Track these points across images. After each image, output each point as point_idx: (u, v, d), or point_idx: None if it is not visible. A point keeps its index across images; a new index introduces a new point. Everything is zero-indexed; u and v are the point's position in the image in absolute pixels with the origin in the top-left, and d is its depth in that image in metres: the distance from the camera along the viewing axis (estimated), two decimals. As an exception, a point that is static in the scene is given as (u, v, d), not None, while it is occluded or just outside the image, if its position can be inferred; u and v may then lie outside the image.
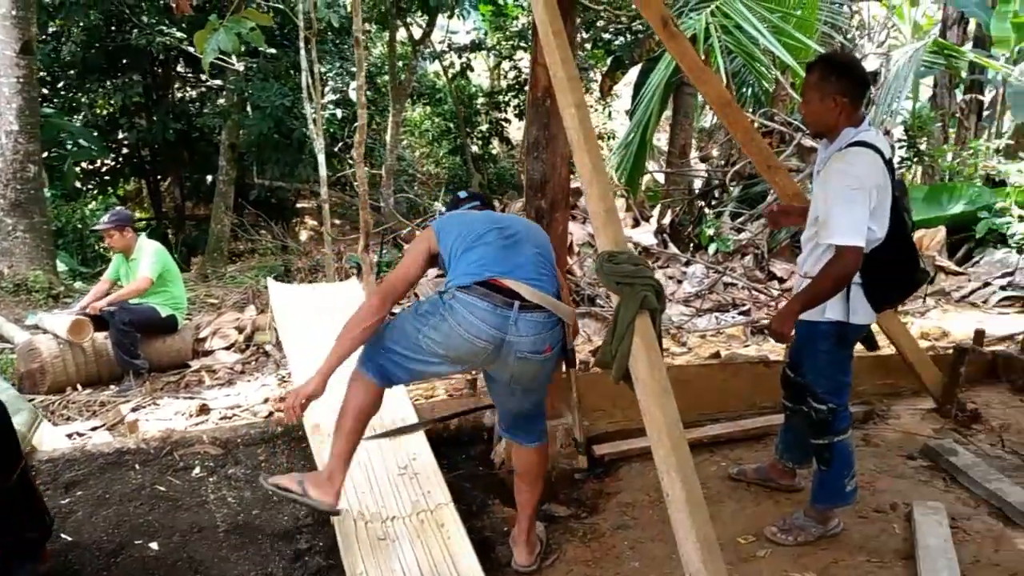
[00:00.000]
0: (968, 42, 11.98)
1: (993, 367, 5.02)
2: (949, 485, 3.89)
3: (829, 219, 3.02)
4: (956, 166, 9.88)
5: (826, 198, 3.05)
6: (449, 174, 18.30)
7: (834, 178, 3.03)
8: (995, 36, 10.61)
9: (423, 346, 2.97)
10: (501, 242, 3.06)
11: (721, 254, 8.97)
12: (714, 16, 8.27)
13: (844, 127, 3.15)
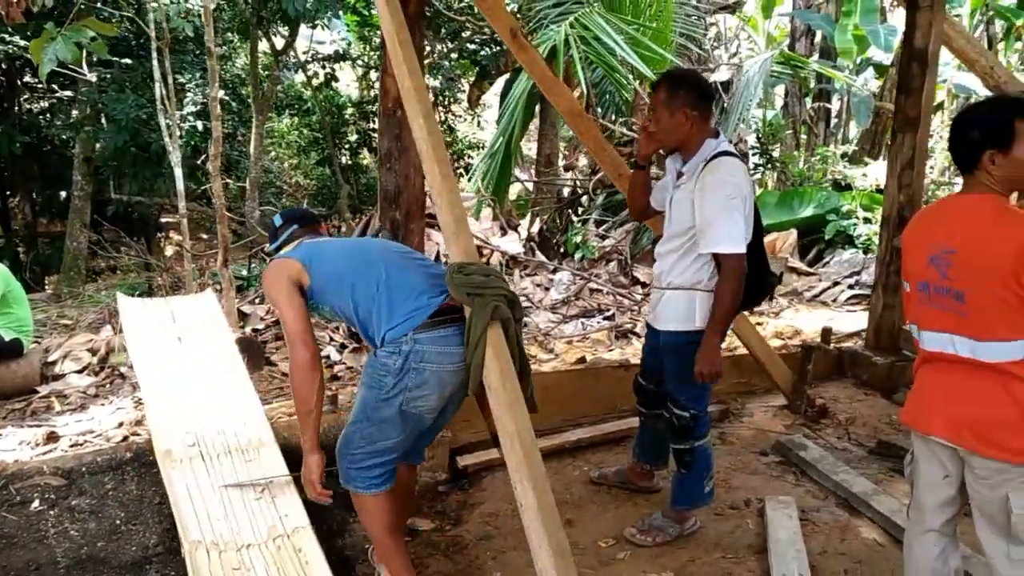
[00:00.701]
0: (816, 53, 12.58)
1: (840, 363, 5.25)
2: (800, 479, 4.04)
3: (711, 228, 3.09)
4: (806, 171, 10.35)
5: (704, 208, 3.10)
6: (318, 185, 18.01)
7: (714, 188, 3.09)
8: (839, 47, 11.17)
9: (417, 412, 2.84)
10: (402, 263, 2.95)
11: (587, 261, 9.12)
12: (573, 27, 8.41)
13: (702, 139, 3.22)
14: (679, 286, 3.27)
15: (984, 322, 2.34)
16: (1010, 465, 2.33)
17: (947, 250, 2.40)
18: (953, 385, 2.46)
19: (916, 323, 2.55)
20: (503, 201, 9.36)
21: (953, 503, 2.60)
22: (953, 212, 2.48)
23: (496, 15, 3.86)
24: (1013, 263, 2.25)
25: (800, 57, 10.66)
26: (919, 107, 4.60)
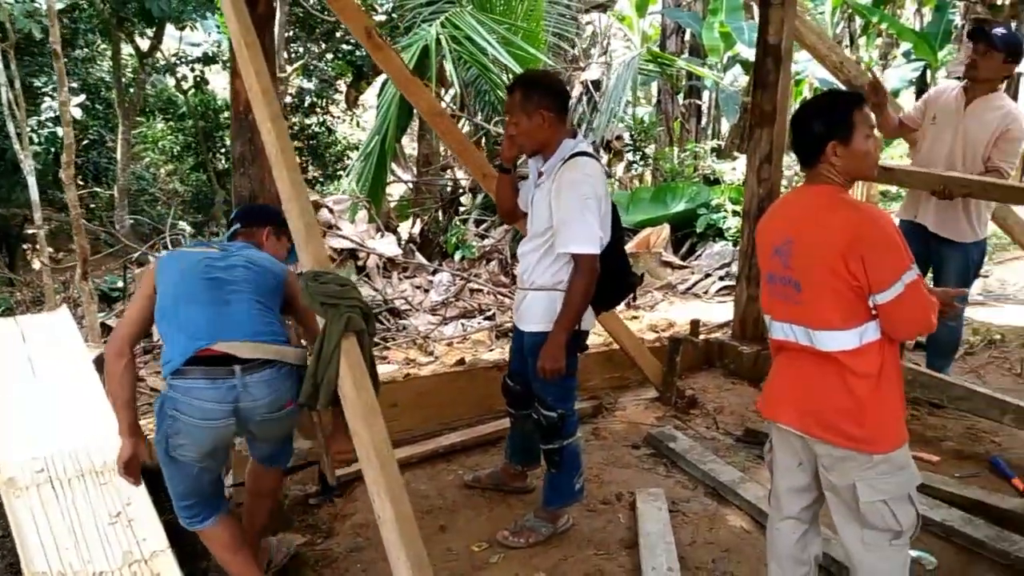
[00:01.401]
0: (686, 51, 12.87)
1: (709, 354, 5.36)
2: (670, 470, 4.10)
3: (566, 228, 3.10)
4: (678, 167, 10.58)
5: (560, 208, 3.11)
6: (193, 191, 17.44)
7: (569, 188, 3.09)
8: (707, 45, 11.47)
9: (184, 459, 2.77)
10: (212, 296, 2.82)
11: (467, 261, 9.09)
12: (444, 27, 8.38)
13: (560, 139, 3.22)
14: (541, 286, 3.27)
15: (818, 311, 2.41)
16: (854, 453, 2.41)
17: (787, 240, 2.48)
18: (799, 374, 2.54)
19: (769, 313, 2.62)
20: (380, 202, 9.24)
21: (809, 490, 2.68)
22: (795, 204, 2.57)
23: (350, 15, 3.78)
24: (843, 251, 2.32)
25: (667, 55, 10.89)
26: (775, 102, 4.73)
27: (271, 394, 2.77)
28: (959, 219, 4.40)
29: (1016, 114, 4.32)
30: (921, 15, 13.04)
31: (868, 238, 2.31)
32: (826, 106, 2.51)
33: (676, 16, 12.05)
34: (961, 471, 4.04)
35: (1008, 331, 5.96)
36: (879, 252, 2.31)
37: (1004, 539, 3.38)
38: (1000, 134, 4.28)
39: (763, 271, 2.62)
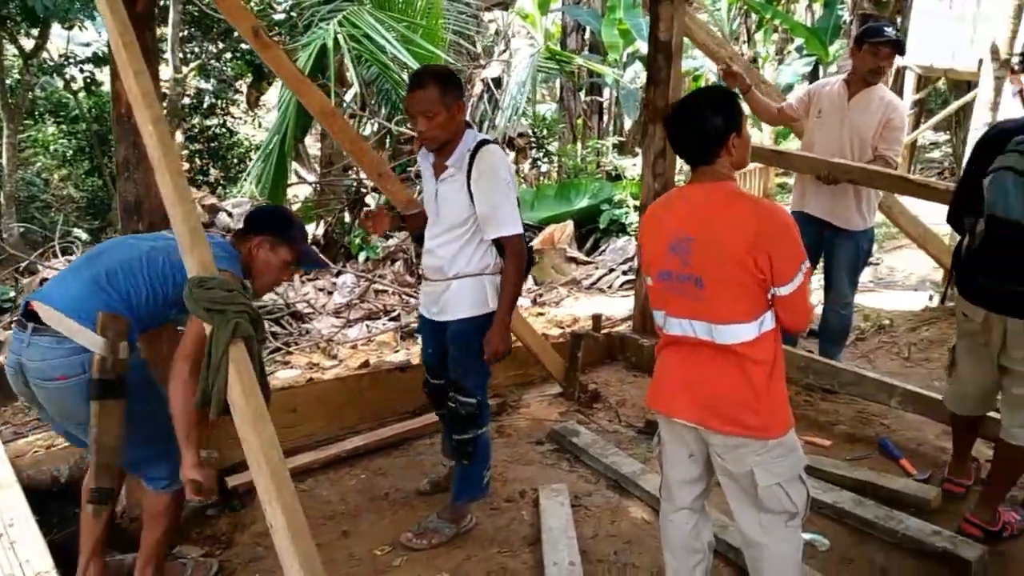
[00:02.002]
0: (587, 48, 13.00)
1: (611, 348, 5.42)
2: (573, 465, 4.13)
3: (496, 215, 3.20)
4: (581, 164, 10.67)
5: (486, 196, 3.19)
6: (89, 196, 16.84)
7: (491, 176, 3.19)
8: (606, 42, 11.60)
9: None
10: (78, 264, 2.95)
11: (371, 261, 9.00)
12: (343, 26, 8.27)
13: (463, 130, 3.27)
14: (467, 273, 3.31)
15: (721, 306, 2.44)
16: (750, 439, 2.48)
17: (687, 237, 2.48)
18: (695, 368, 2.57)
19: (662, 309, 2.62)
20: (281, 203, 9.07)
21: (700, 480, 2.74)
22: (690, 201, 2.55)
23: (236, 14, 3.69)
24: (750, 246, 2.36)
25: (565, 53, 10.98)
26: (667, 98, 4.79)
27: (42, 360, 2.75)
28: (850, 208, 4.57)
29: (896, 104, 4.54)
30: (812, 11, 13.43)
31: (773, 233, 2.38)
32: (721, 100, 2.55)
33: (576, 14, 12.17)
34: (852, 454, 4.17)
35: (896, 316, 6.19)
36: (783, 246, 2.38)
37: (892, 518, 3.50)
38: (884, 124, 4.47)
39: (654, 268, 2.62)
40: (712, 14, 13.40)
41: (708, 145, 2.50)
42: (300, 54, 8.24)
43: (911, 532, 3.41)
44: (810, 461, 3.86)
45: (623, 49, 11.78)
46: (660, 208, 2.70)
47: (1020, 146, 2.86)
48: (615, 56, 11.83)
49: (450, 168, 3.27)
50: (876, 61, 4.48)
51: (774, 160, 5.13)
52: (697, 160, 2.54)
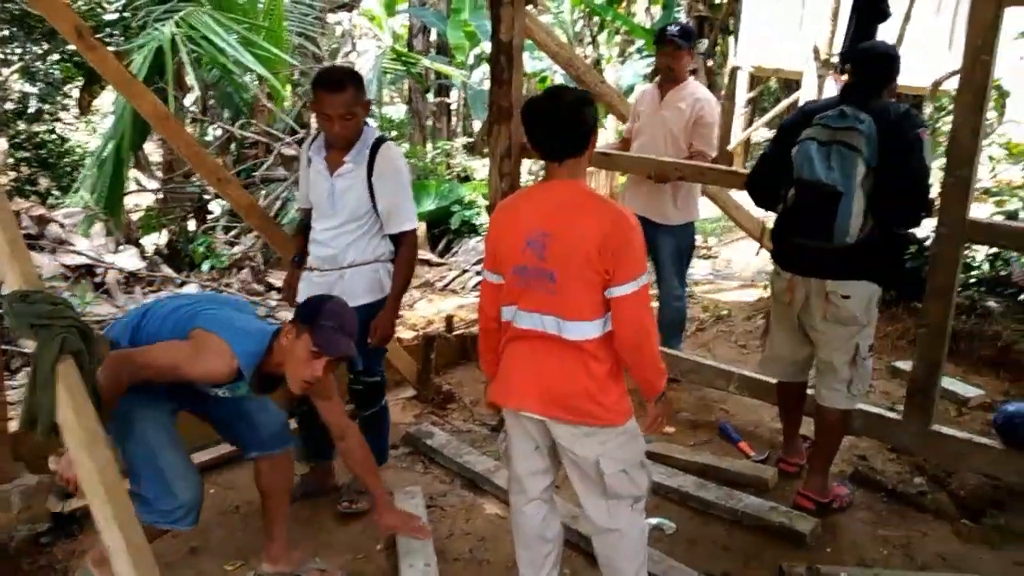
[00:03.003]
0: (433, 49, 12.99)
1: (464, 348, 5.45)
2: (428, 467, 4.15)
3: (398, 211, 3.49)
4: (431, 165, 10.68)
5: (389, 193, 3.45)
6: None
7: (395, 173, 3.46)
8: (452, 43, 11.62)
9: None
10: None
11: (217, 270, 8.72)
12: (179, 27, 7.98)
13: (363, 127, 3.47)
14: (363, 261, 3.52)
15: (571, 302, 2.57)
16: (595, 428, 2.63)
17: (543, 233, 2.58)
18: (542, 362, 2.66)
19: (514, 304, 2.69)
20: (118, 213, 8.66)
21: (548, 472, 2.83)
22: (547, 199, 2.66)
23: (56, 12, 3.52)
24: (599, 244, 2.49)
25: (412, 54, 10.97)
26: (511, 98, 4.85)
27: None
28: (666, 204, 4.77)
29: (705, 100, 4.81)
30: (651, 14, 13.87)
31: (621, 234, 2.52)
32: (583, 99, 2.69)
33: (421, 15, 12.16)
34: (695, 439, 4.37)
35: (733, 306, 6.48)
36: (629, 249, 2.52)
37: (733, 498, 3.69)
38: (695, 120, 4.72)
39: (509, 263, 2.68)
40: (556, 16, 13.65)
41: (577, 142, 2.61)
42: (135, 56, 7.89)
43: (750, 510, 3.61)
44: (655, 448, 4.06)
45: (470, 51, 11.84)
46: (515, 204, 2.82)
47: (821, 120, 3.24)
48: (462, 58, 11.88)
49: (348, 163, 3.45)
50: (664, 60, 4.77)
51: (603, 163, 5.28)
52: (568, 152, 2.62)
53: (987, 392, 4.86)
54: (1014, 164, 6.04)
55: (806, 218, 3.29)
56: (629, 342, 2.58)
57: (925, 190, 3.29)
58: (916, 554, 3.44)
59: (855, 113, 3.19)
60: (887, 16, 4.70)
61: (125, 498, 2.36)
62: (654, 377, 2.67)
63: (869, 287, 3.39)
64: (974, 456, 3.68)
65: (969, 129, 3.34)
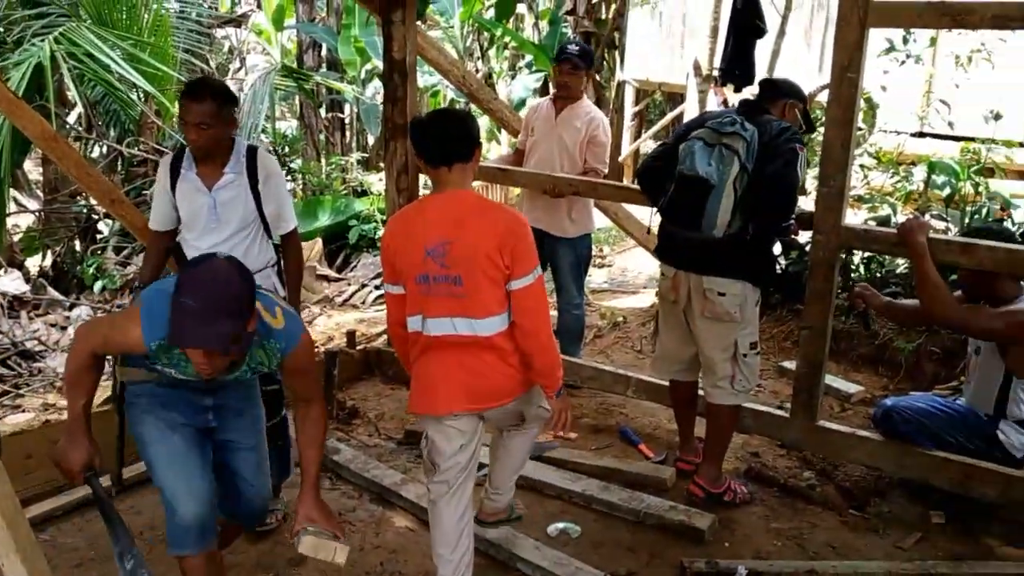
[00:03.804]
0: (324, 65, 12.91)
1: (367, 362, 5.46)
2: (335, 483, 4.15)
3: (284, 213, 3.60)
4: (326, 180, 10.62)
5: (273, 196, 3.53)
6: None
7: (275, 177, 3.55)
8: (343, 59, 11.59)
9: None
10: None
11: (109, 291, 8.48)
12: (60, 43, 7.74)
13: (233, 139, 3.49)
14: (257, 270, 3.40)
15: (480, 301, 2.79)
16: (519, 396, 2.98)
17: (444, 241, 2.77)
18: (461, 364, 2.87)
19: (421, 313, 2.87)
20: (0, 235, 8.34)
21: (469, 464, 3.03)
22: (443, 208, 2.86)
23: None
24: (499, 245, 2.74)
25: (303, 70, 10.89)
26: (405, 115, 4.92)
27: None
28: (563, 218, 4.92)
29: (600, 119, 4.97)
30: (539, 29, 14.10)
31: (516, 233, 2.79)
32: (468, 115, 3.10)
33: (310, 31, 12.07)
34: (597, 443, 4.49)
35: (629, 313, 6.68)
36: (524, 245, 2.80)
37: (635, 499, 3.82)
38: (589, 139, 4.88)
39: (411, 274, 2.85)
40: (446, 32, 13.75)
41: (471, 143, 2.87)
42: (12, 73, 7.62)
43: (652, 510, 3.74)
44: (559, 454, 4.18)
45: (361, 66, 11.82)
46: (409, 217, 2.97)
47: (711, 124, 3.50)
48: (354, 73, 11.85)
49: (228, 174, 3.47)
50: (563, 77, 4.91)
51: (500, 178, 5.41)
52: (457, 157, 2.85)
53: (867, 388, 5.16)
54: (884, 172, 6.41)
55: (681, 208, 3.52)
56: (530, 327, 2.85)
57: (791, 199, 3.54)
58: (807, 544, 3.63)
59: (742, 122, 3.47)
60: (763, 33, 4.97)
61: (26, 526, 2.33)
62: (553, 364, 2.94)
63: (744, 286, 3.60)
64: (857, 449, 3.92)
65: (839, 141, 3.59)
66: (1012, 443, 3.66)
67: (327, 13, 12.40)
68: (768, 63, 7.98)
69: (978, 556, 3.53)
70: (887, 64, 6.23)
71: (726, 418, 3.82)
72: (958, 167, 5.80)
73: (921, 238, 3.46)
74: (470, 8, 12.45)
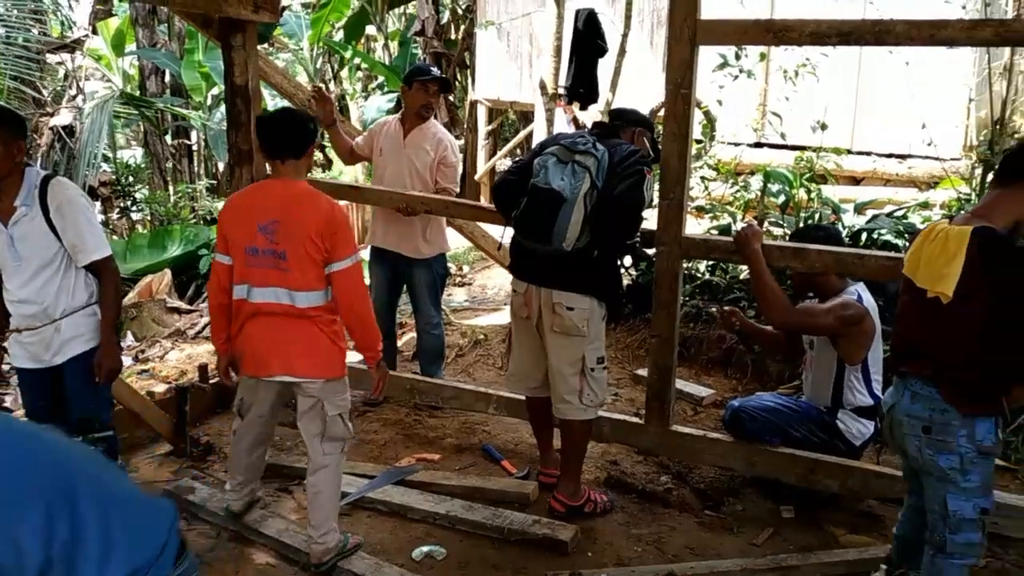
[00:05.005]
0: (168, 91, 12.50)
1: (221, 396, 5.27)
2: (191, 523, 3.98)
3: (85, 240, 3.37)
4: (174, 209, 10.28)
5: (70, 225, 3.33)
6: None
7: (69, 204, 3.34)
8: (189, 85, 11.27)
9: None
10: None
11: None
12: None
13: (24, 170, 3.31)
14: (76, 308, 3.41)
15: (300, 276, 3.22)
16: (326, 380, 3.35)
17: (274, 220, 3.20)
18: (280, 330, 3.29)
19: (247, 282, 3.28)
20: None
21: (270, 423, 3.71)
22: (275, 192, 3.30)
23: None
24: (320, 228, 3.19)
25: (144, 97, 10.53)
26: (250, 141, 4.81)
27: None
28: (417, 239, 4.93)
29: (448, 141, 5.01)
30: (390, 50, 14.10)
31: (336, 222, 3.23)
32: (307, 117, 3.48)
33: (151, 56, 11.66)
34: (460, 463, 4.49)
35: (490, 330, 6.72)
36: (342, 231, 3.24)
37: (499, 516, 3.84)
38: (440, 160, 4.91)
39: (241, 245, 3.26)
40: (296, 54, 13.57)
41: (305, 141, 3.31)
42: None
43: (516, 526, 3.76)
44: (422, 477, 4.16)
45: (207, 91, 11.51)
46: (244, 199, 3.42)
47: (564, 142, 3.68)
48: (200, 98, 11.53)
49: (20, 208, 3.31)
50: (426, 97, 4.92)
51: (353, 195, 5.39)
52: (290, 152, 3.29)
53: (718, 391, 5.36)
54: (724, 182, 6.70)
55: (533, 220, 3.61)
56: (348, 306, 3.31)
57: (637, 218, 3.70)
58: (666, 548, 3.73)
59: (594, 143, 3.62)
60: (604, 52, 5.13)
61: None
62: (372, 338, 3.39)
63: (591, 302, 3.70)
64: (710, 451, 4.06)
65: (676, 155, 3.73)
66: (851, 432, 3.88)
67: (169, 38, 12.03)
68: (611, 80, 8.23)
69: (825, 546, 3.72)
70: (722, 79, 6.50)
71: (579, 432, 3.88)
72: (791, 175, 6.11)
73: (756, 245, 3.65)
74: (319, 30, 12.33)
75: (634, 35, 9.36)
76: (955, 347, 2.72)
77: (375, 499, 4.03)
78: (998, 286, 2.64)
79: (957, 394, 2.73)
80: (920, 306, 2.79)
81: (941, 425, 2.75)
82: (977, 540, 2.82)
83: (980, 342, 2.68)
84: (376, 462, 4.47)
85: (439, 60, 12.56)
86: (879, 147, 9.16)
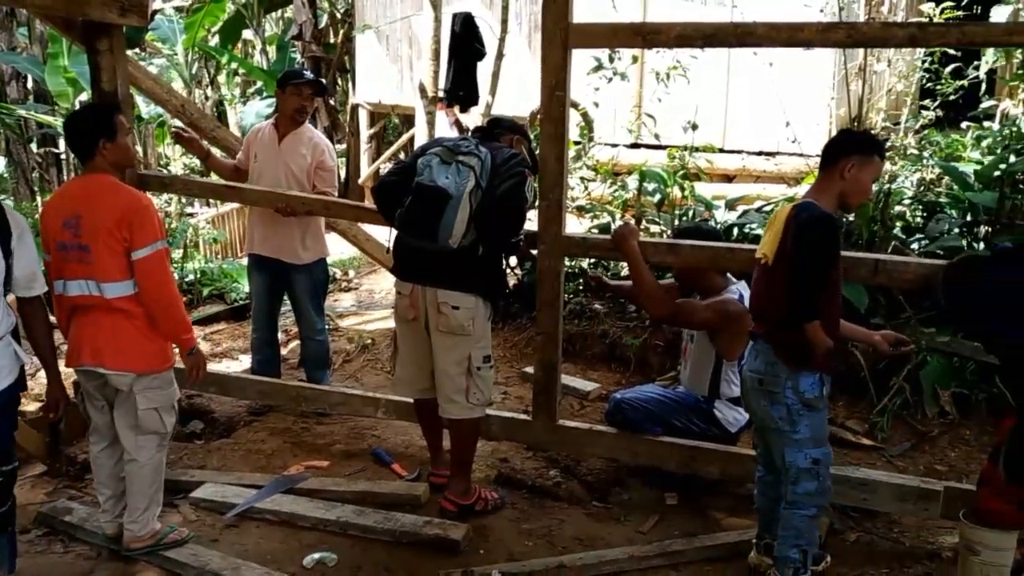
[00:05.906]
0: (31, 97, 11.96)
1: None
2: (68, 545, 3.85)
3: (36, 272, 3.30)
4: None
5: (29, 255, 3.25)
6: None
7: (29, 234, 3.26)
8: (53, 90, 10.78)
9: None
10: None
11: None
12: None
13: None
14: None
15: (104, 268, 3.29)
16: (139, 374, 3.41)
17: (77, 215, 3.29)
18: (95, 323, 3.37)
19: (62, 277, 3.36)
20: None
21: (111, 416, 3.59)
22: (80, 188, 3.41)
23: None
24: (119, 220, 3.27)
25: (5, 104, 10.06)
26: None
27: None
28: (295, 245, 4.89)
29: (324, 145, 4.99)
30: (268, 55, 13.85)
31: (136, 211, 3.31)
32: (96, 113, 3.61)
33: (12, 61, 11.11)
34: (350, 468, 4.47)
35: (377, 335, 6.68)
36: (142, 221, 3.30)
37: (390, 519, 3.85)
38: (317, 164, 4.88)
39: (53, 241, 3.35)
40: (170, 59, 13.17)
41: (87, 143, 3.36)
42: None
43: (407, 528, 3.78)
44: (312, 484, 4.13)
45: (75, 97, 11.00)
46: (53, 198, 3.61)
47: (447, 144, 3.76)
48: (67, 105, 11.02)
49: None
50: (300, 101, 4.88)
51: (230, 195, 5.30)
52: (78, 153, 3.45)
53: (603, 385, 5.48)
54: (603, 182, 6.85)
55: (418, 219, 3.66)
56: (151, 294, 3.36)
57: (520, 217, 3.78)
58: (556, 540, 3.81)
59: (476, 144, 3.71)
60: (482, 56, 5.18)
61: None
62: (177, 326, 3.46)
63: (477, 300, 3.74)
64: (595, 443, 4.17)
65: (554, 156, 3.82)
66: (727, 419, 4.05)
67: (30, 42, 11.50)
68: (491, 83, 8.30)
69: (708, 530, 3.86)
70: (597, 82, 6.64)
71: (467, 432, 3.92)
72: (666, 174, 6.30)
73: (632, 242, 3.77)
74: (193, 35, 11.99)
75: (513, 39, 9.46)
76: (777, 306, 3.06)
77: (264, 509, 3.98)
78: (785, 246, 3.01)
79: (782, 350, 3.08)
80: (760, 274, 3.19)
81: (771, 377, 3.12)
82: (814, 489, 3.14)
83: (788, 301, 3.01)
84: (264, 471, 4.40)
85: (318, 64, 12.38)
86: (749, 145, 9.50)
